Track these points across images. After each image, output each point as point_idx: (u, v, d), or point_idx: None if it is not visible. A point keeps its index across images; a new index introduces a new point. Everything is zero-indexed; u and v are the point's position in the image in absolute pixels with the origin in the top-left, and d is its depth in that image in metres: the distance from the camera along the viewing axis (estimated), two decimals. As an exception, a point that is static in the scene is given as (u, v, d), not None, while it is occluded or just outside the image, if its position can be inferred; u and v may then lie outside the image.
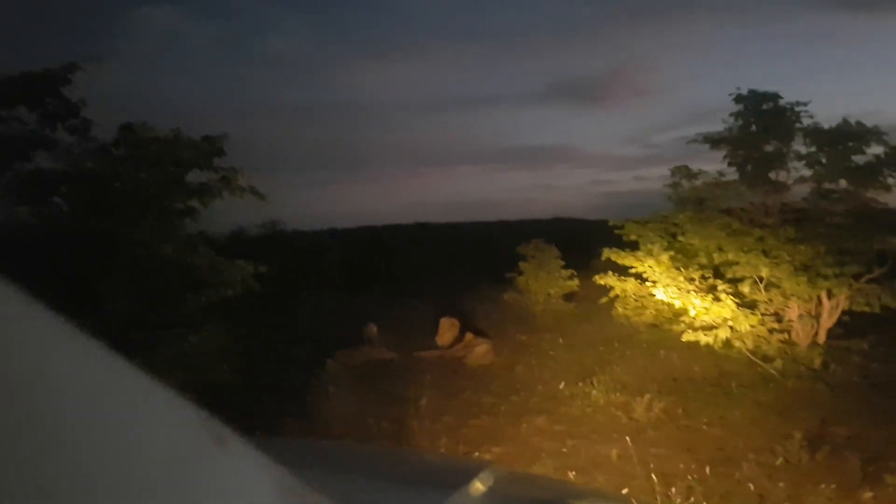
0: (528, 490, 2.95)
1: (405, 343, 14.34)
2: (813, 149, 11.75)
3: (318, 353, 12.88)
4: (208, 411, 0.77)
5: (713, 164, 12.78)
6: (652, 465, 7.63)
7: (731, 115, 12.32)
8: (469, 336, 14.47)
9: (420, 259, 27.17)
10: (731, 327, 11.06)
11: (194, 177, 9.26)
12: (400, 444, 8.74)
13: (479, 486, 2.16)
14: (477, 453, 8.27)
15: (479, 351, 13.53)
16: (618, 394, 10.29)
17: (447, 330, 14.83)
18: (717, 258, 11.60)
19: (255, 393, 9.97)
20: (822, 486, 6.99)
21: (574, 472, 7.50)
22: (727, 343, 11.08)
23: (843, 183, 11.70)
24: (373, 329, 14.37)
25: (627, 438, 8.45)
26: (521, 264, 18.65)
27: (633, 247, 12.64)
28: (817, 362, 11.15)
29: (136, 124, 8.84)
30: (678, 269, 11.91)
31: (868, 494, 6.78)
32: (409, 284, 21.93)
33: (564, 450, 8.34)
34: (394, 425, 9.36)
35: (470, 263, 25.23)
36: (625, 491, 6.90)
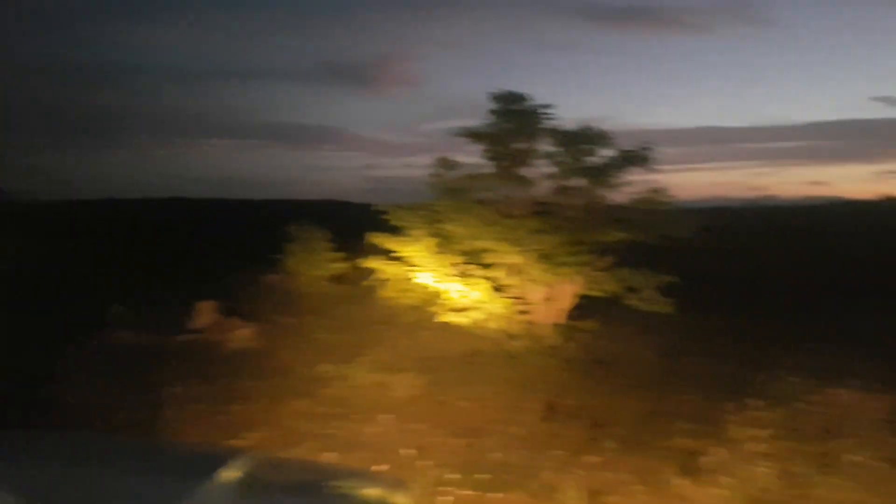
0: (284, 475, 2.97)
1: (161, 326, 13.48)
2: (556, 148, 12.98)
3: (65, 337, 11.69)
4: None
5: (477, 157, 13.58)
6: (408, 440, 8.03)
7: (489, 112, 13.16)
8: (229, 319, 13.99)
9: (178, 236, 25.58)
10: (484, 309, 11.95)
11: None
12: (152, 433, 8.25)
13: (230, 475, 2.13)
14: (234, 440, 8.06)
15: (240, 334, 13.15)
16: (379, 374, 10.61)
17: (206, 312, 14.21)
18: (475, 245, 12.39)
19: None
20: (555, 451, 7.83)
21: (335, 453, 7.62)
22: (479, 324, 11.95)
23: (579, 180, 13.06)
24: (120, 310, 13.33)
25: (387, 416, 8.81)
26: (288, 245, 18.38)
27: (400, 232, 13.05)
28: (554, 341, 12.42)
29: None
30: (440, 254, 12.54)
31: (591, 458, 7.71)
32: (164, 263, 20.58)
33: (326, 431, 8.42)
34: (146, 413, 8.80)
35: (234, 243, 24.29)
36: (384, 467, 7.17)
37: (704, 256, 21.19)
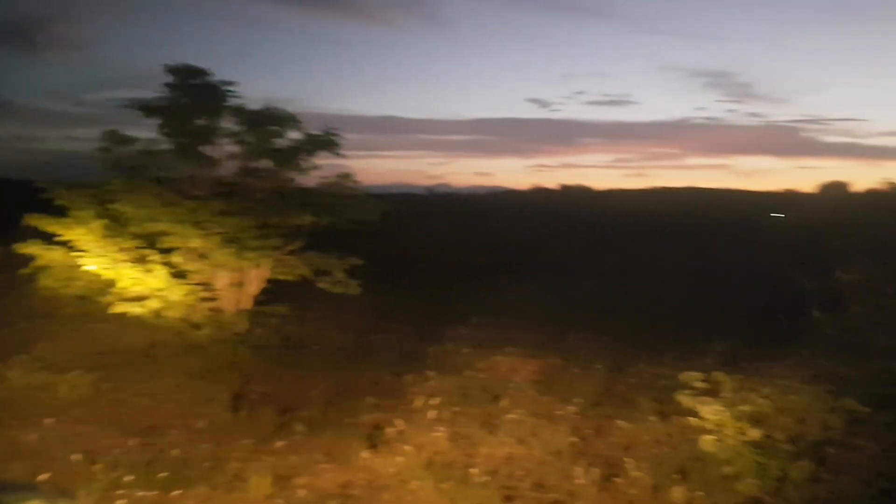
0: None
1: None
2: (240, 128, 12.57)
3: None
4: None
5: (152, 132, 12.53)
6: (76, 445, 7.26)
7: (164, 84, 12.25)
8: None
9: None
10: (162, 297, 11.14)
11: None
12: None
13: None
14: None
15: None
16: (42, 373, 9.39)
17: None
18: (151, 228, 11.49)
19: None
20: (243, 441, 7.66)
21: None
22: (158, 313, 11.13)
23: (266, 162, 12.83)
24: None
25: (52, 420, 7.89)
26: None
27: (63, 213, 11.58)
28: (242, 327, 12.09)
29: None
30: (111, 238, 11.39)
31: (281, 443, 7.70)
32: None
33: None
34: None
35: None
36: (44, 476, 6.38)
37: (387, 239, 22.34)
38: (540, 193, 55.34)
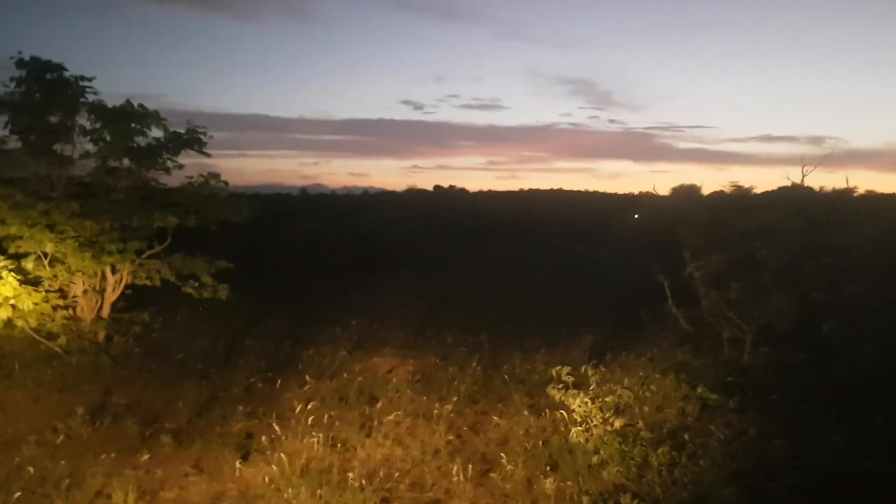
0: None
1: None
2: (98, 125, 11.81)
3: None
4: None
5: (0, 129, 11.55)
6: None
7: (11, 79, 11.34)
8: None
9: None
10: (12, 306, 10.27)
11: None
12: None
13: None
14: None
15: None
16: None
17: None
18: (0, 232, 10.61)
19: None
20: (103, 455, 7.22)
21: None
22: (9, 323, 10.26)
23: (126, 161, 12.12)
24: None
25: None
26: None
27: None
28: (101, 336, 11.40)
29: None
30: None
31: (146, 456, 7.32)
32: None
33: None
34: None
35: None
36: None
37: (259, 241, 21.77)
38: (415, 194, 55.72)
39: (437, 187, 57.08)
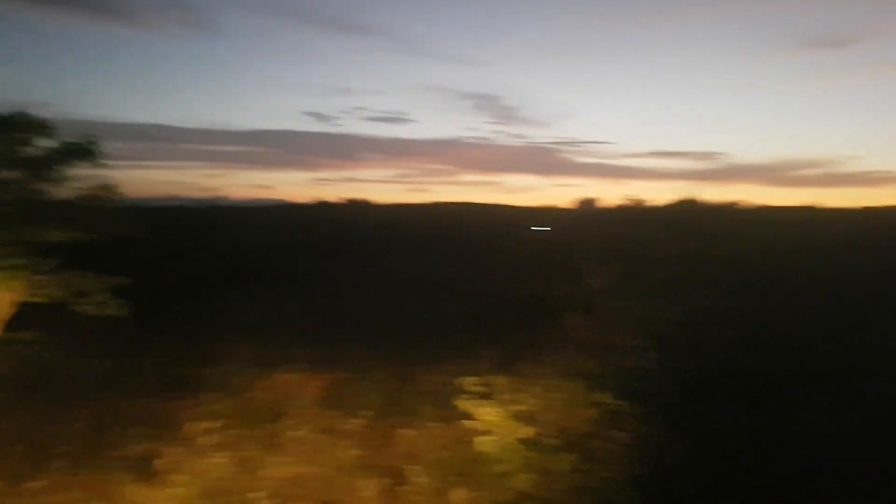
0: None
1: None
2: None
3: None
4: None
5: None
6: None
7: None
8: None
9: None
10: None
11: None
12: None
13: None
14: None
15: None
16: None
17: None
18: None
19: None
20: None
21: None
22: None
23: (13, 173, 11.43)
24: None
25: None
26: None
27: None
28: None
29: None
30: None
31: (38, 483, 6.92)
32: None
33: None
34: None
35: None
36: None
37: (158, 255, 20.96)
38: (321, 207, 55.11)
39: (346, 200, 56.76)
